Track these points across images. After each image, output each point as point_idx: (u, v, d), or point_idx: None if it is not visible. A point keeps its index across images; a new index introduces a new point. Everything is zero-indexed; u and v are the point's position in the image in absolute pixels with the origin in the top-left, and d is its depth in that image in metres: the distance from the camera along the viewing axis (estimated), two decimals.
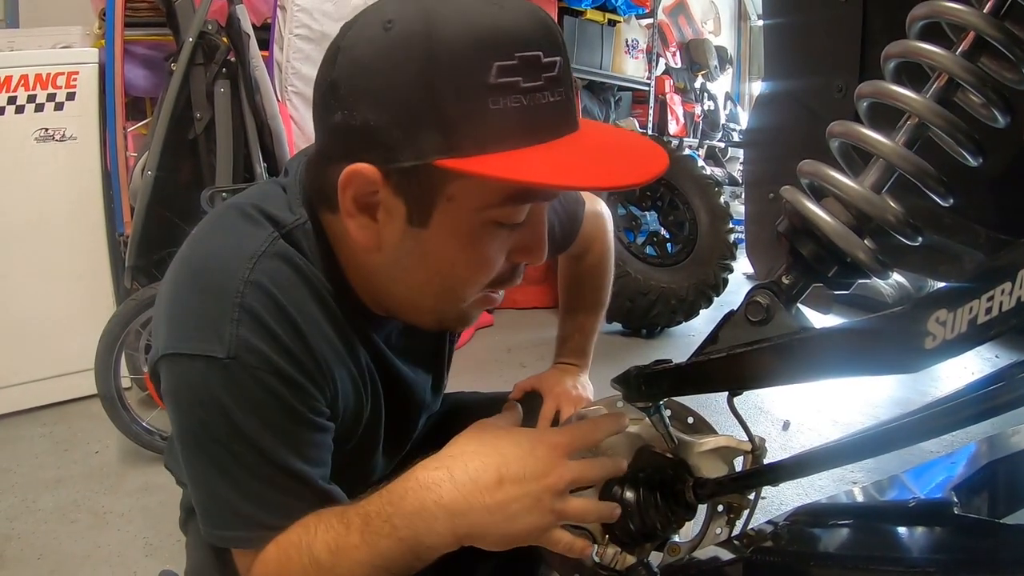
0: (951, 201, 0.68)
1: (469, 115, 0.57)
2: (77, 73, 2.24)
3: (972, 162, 0.67)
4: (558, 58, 0.60)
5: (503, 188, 0.61)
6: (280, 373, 0.64)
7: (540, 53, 0.58)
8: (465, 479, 0.62)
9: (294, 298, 0.66)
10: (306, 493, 0.68)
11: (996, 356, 2.68)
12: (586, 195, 1.08)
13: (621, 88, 5.25)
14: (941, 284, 0.59)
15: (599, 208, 1.11)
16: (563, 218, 1.00)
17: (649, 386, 0.80)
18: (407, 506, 0.62)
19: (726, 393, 0.78)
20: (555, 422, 1.04)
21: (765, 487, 0.82)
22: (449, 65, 0.57)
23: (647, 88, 5.34)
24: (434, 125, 0.57)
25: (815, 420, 2.32)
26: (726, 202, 3.68)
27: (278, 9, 2.70)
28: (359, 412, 0.78)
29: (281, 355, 0.64)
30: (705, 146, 6.53)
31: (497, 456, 0.64)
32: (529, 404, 1.09)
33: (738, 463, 0.84)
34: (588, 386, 1.16)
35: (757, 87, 7.72)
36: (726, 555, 0.79)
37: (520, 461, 0.63)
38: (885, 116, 0.69)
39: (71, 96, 2.24)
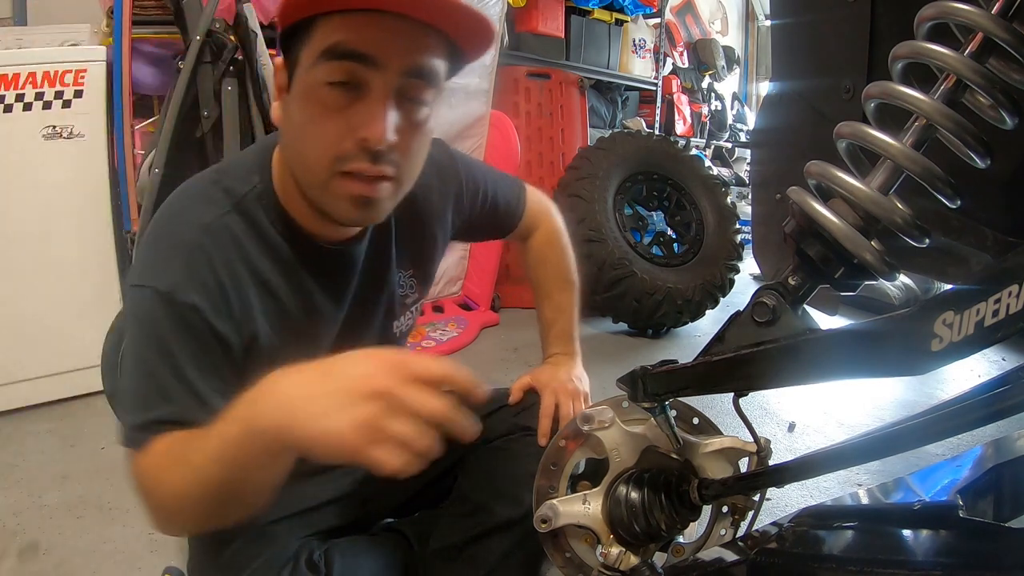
0: (959, 203, 0.67)
1: None
2: (85, 71, 2.24)
3: (980, 164, 0.67)
4: None
5: (322, 44, 0.73)
6: (199, 312, 0.79)
7: None
8: (296, 371, 0.64)
9: (229, 259, 0.83)
10: (197, 405, 0.77)
11: (1003, 359, 2.67)
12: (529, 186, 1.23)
13: (628, 88, 5.23)
14: (948, 286, 0.59)
15: (541, 195, 1.23)
16: (505, 193, 1.16)
17: (655, 386, 0.80)
18: (248, 393, 0.66)
19: (732, 394, 0.78)
20: (556, 420, 1.04)
21: (770, 488, 0.81)
22: None
23: (654, 88, 5.32)
24: None
25: (821, 422, 2.31)
26: (733, 203, 3.67)
27: None
28: (295, 327, 0.90)
29: (204, 299, 0.80)
30: (712, 146, 6.51)
31: (332, 360, 0.64)
32: (528, 402, 1.10)
33: (743, 464, 0.84)
34: (584, 378, 1.16)
35: (764, 87, 7.69)
36: (730, 556, 0.79)
37: (346, 359, 0.63)
38: (893, 117, 0.69)
39: (79, 94, 2.24)
